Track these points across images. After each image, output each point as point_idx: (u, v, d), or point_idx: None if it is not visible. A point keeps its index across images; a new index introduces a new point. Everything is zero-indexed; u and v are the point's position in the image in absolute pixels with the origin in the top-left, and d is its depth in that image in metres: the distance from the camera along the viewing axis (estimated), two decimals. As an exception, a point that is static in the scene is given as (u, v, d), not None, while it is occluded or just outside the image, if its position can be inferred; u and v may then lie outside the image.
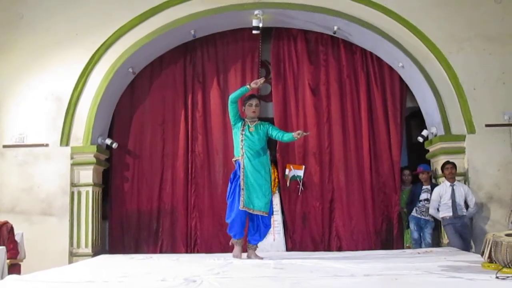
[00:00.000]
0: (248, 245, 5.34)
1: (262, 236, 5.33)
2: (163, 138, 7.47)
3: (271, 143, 7.65)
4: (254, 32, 7.00)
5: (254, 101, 5.38)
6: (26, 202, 6.76)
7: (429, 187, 6.86)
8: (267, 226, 5.34)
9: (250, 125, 5.34)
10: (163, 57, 7.55)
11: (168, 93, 7.55)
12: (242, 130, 5.29)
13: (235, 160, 5.35)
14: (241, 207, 5.17)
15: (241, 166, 5.23)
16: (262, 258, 5.21)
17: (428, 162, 7.33)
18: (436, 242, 6.98)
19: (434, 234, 6.98)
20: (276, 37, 7.59)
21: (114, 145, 7.26)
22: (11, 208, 6.72)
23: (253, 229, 5.29)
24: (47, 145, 6.88)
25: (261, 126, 5.38)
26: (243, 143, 5.25)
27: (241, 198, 5.18)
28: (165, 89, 7.56)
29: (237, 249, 5.32)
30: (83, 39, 7.01)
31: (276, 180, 7.21)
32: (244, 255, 5.34)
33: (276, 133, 5.37)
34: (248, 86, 5.26)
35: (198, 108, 7.47)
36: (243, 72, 7.50)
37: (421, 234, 6.88)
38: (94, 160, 6.91)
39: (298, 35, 7.58)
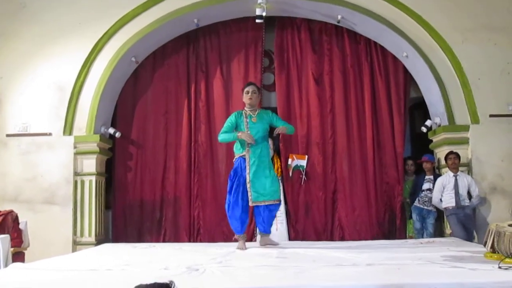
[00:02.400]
0: (261, 234, 5.33)
1: (271, 224, 5.33)
2: (166, 127, 7.46)
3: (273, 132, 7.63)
4: (257, 21, 6.94)
5: (250, 88, 5.22)
6: (30, 191, 6.77)
7: (431, 177, 6.86)
8: (275, 215, 5.33)
9: (252, 115, 5.22)
10: (166, 47, 7.52)
11: (171, 82, 7.53)
12: (247, 124, 5.16)
13: (237, 158, 5.22)
14: (251, 204, 5.08)
15: (247, 160, 5.10)
16: (277, 244, 5.18)
17: (432, 153, 7.31)
18: (439, 233, 6.99)
19: (437, 224, 6.98)
20: (279, 26, 7.54)
21: (117, 135, 7.26)
22: (14, 197, 6.74)
23: (262, 220, 5.21)
24: (50, 134, 6.89)
25: (264, 114, 5.29)
26: None
27: (249, 195, 5.07)
28: (168, 79, 7.54)
29: (241, 242, 5.19)
30: (86, 28, 6.97)
31: (279, 170, 7.21)
32: (248, 244, 5.34)
33: (281, 124, 5.30)
34: (238, 135, 5.09)
35: (201, 98, 7.45)
36: (246, 62, 7.47)
37: (423, 225, 6.88)
38: (97, 149, 6.91)
39: (301, 25, 7.53)
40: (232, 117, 5.27)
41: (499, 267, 3.34)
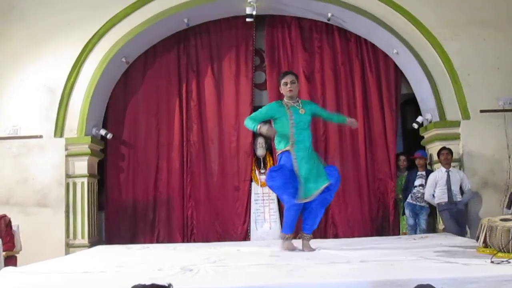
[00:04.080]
0: (303, 235, 4.80)
1: (316, 222, 4.83)
2: (157, 128, 7.43)
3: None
4: (247, 20, 6.94)
5: (288, 78, 4.71)
6: (21, 194, 6.72)
7: (424, 173, 6.88)
8: (329, 199, 4.89)
9: (297, 107, 4.72)
10: (157, 46, 7.49)
11: (162, 82, 7.50)
12: (291, 116, 4.67)
13: (281, 153, 4.70)
14: (300, 200, 4.58)
15: (293, 156, 4.62)
16: (314, 250, 4.71)
17: (424, 149, 7.34)
18: (432, 228, 7.01)
19: (430, 220, 7.01)
20: (270, 24, 7.54)
21: (109, 136, 7.22)
22: (6, 200, 6.69)
23: (308, 216, 4.75)
24: (41, 136, 6.84)
25: (308, 105, 4.86)
26: (293, 130, 4.64)
27: (300, 191, 4.58)
28: (159, 79, 7.50)
29: (291, 243, 4.76)
30: (76, 28, 6.92)
31: (272, 168, 7.19)
32: (241, 244, 5.31)
33: (326, 115, 5.12)
34: (258, 127, 4.61)
35: (193, 97, 7.43)
36: (237, 61, 7.46)
37: (417, 221, 6.91)
38: (88, 151, 6.87)
39: (292, 23, 7.53)
40: (270, 107, 4.81)
41: (492, 262, 3.36)
